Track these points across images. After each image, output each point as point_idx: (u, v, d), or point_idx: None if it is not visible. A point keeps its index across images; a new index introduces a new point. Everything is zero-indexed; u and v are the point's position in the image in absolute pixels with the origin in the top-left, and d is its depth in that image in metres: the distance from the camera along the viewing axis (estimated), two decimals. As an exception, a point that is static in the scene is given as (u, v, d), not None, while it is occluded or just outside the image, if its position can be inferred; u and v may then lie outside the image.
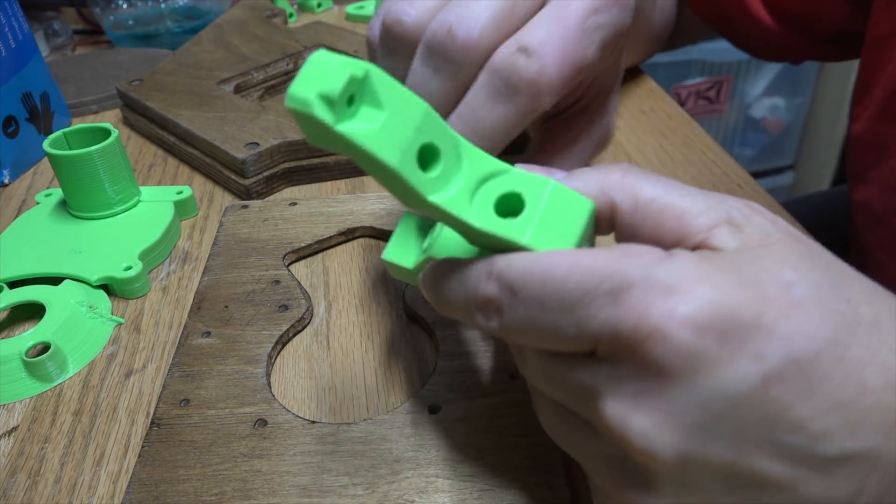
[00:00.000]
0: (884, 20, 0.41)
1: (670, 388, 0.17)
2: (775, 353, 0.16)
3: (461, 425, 0.28)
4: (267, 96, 0.56)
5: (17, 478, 0.29)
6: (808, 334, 0.17)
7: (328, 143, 0.19)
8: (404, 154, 0.19)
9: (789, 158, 1.58)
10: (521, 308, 0.19)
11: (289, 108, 0.18)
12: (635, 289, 0.17)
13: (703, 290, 0.17)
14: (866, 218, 0.44)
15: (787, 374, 0.16)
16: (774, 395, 0.17)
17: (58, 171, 0.41)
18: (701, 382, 0.17)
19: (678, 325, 0.16)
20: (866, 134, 0.43)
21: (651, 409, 0.17)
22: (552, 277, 0.18)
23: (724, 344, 0.17)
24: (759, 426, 0.17)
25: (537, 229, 0.20)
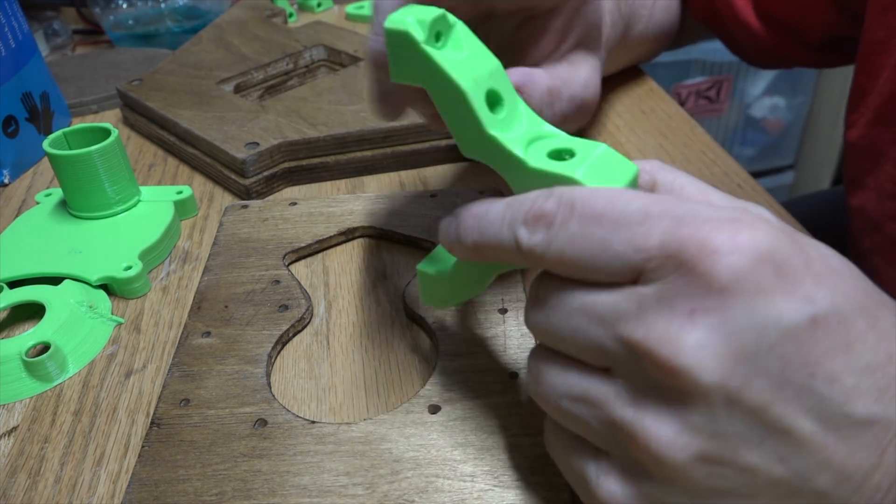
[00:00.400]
0: (878, 27, 0.41)
1: (730, 306, 0.17)
2: (823, 299, 0.17)
3: (461, 425, 0.28)
4: (267, 96, 0.56)
5: (17, 478, 0.29)
6: (848, 295, 0.18)
7: (411, 69, 0.22)
8: (477, 85, 0.22)
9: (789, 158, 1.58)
10: (575, 222, 0.19)
11: (386, 28, 0.21)
12: (700, 219, 0.18)
13: (762, 229, 0.18)
14: (863, 223, 0.44)
15: (831, 322, 0.17)
16: (819, 339, 0.17)
17: (58, 171, 0.41)
18: (758, 306, 0.17)
19: (742, 248, 0.17)
20: (862, 140, 0.43)
21: (708, 325, 0.17)
22: (618, 199, 0.19)
23: (780, 277, 0.17)
24: (801, 369, 0.17)
25: (588, 171, 0.21)
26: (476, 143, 0.22)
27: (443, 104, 0.22)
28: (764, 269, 0.17)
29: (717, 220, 0.18)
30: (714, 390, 0.17)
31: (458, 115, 0.22)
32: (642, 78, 0.58)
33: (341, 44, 0.60)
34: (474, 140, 0.22)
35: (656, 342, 0.18)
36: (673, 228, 0.18)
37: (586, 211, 0.19)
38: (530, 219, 0.20)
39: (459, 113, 0.22)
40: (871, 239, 0.43)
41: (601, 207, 0.19)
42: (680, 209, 0.18)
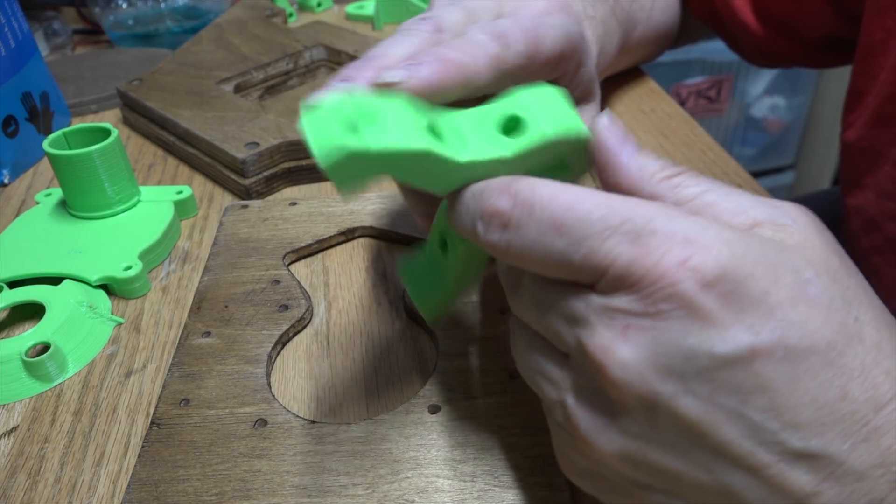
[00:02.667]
0: (875, 29, 0.41)
1: (661, 331, 0.18)
2: (769, 332, 0.17)
3: (461, 425, 0.28)
4: (267, 96, 0.56)
5: (17, 478, 0.29)
6: (807, 329, 0.17)
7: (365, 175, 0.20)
8: (424, 137, 0.20)
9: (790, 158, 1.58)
10: (534, 227, 0.19)
11: (325, 167, 0.19)
12: (656, 234, 0.18)
13: (720, 250, 0.17)
14: (862, 223, 0.44)
15: (775, 355, 0.17)
16: (756, 371, 0.17)
17: (58, 171, 0.41)
18: (692, 333, 0.17)
19: (687, 276, 0.17)
20: (860, 140, 0.43)
21: (637, 343, 0.18)
22: (580, 206, 0.19)
23: (725, 304, 0.17)
24: (734, 395, 0.17)
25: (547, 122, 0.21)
26: (451, 180, 0.22)
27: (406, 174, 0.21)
28: (706, 295, 0.17)
29: (670, 240, 0.18)
30: (639, 402, 0.18)
31: (425, 173, 0.21)
32: (642, 78, 0.58)
33: (341, 44, 0.60)
34: (448, 178, 0.22)
35: (594, 350, 0.18)
36: (625, 250, 0.18)
37: (546, 217, 0.19)
38: (486, 216, 0.20)
39: (426, 169, 0.21)
40: (870, 239, 0.43)
41: (561, 216, 0.19)
42: (638, 221, 0.18)
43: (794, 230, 0.19)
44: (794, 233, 0.19)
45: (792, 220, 0.20)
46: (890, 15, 0.40)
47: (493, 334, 0.32)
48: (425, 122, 0.21)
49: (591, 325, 0.19)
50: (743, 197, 0.20)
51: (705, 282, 0.17)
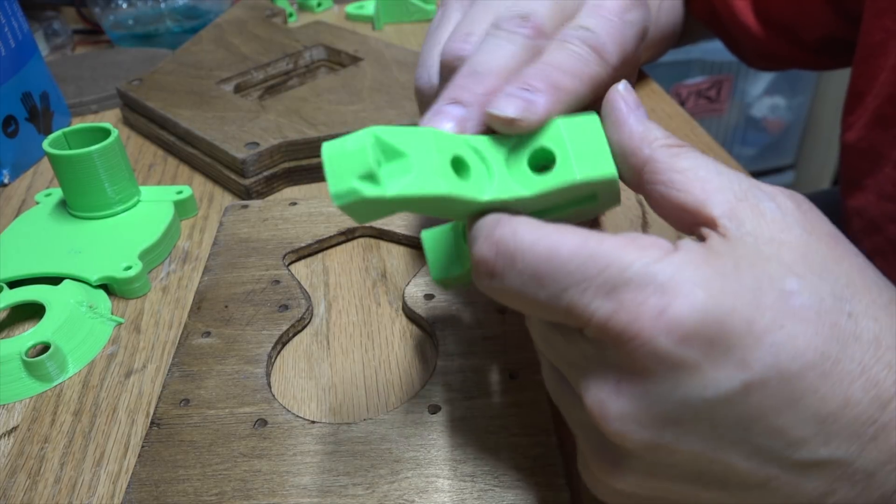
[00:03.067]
0: (875, 30, 0.41)
1: (651, 385, 0.18)
2: (760, 361, 0.17)
3: (461, 425, 0.28)
4: (267, 96, 0.56)
5: (17, 478, 0.29)
6: (798, 347, 0.17)
7: (381, 213, 0.20)
8: (446, 177, 0.20)
9: (790, 158, 1.58)
10: (517, 278, 0.19)
11: (339, 206, 0.19)
12: (631, 286, 0.17)
13: (696, 295, 0.17)
14: (863, 224, 0.44)
15: (770, 383, 0.17)
16: (754, 402, 0.17)
17: (57, 171, 0.41)
18: (681, 384, 0.17)
19: (664, 331, 0.17)
20: (861, 142, 0.43)
21: (630, 397, 0.18)
22: (557, 256, 0.18)
23: (709, 350, 0.17)
24: (735, 427, 0.17)
25: (578, 161, 0.21)
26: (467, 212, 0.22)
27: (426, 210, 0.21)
28: (688, 348, 0.17)
29: (645, 291, 0.17)
30: (641, 451, 0.18)
31: (440, 209, 0.21)
32: (642, 78, 0.58)
33: (341, 44, 0.60)
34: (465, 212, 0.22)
35: (590, 403, 0.19)
36: (602, 299, 0.18)
37: (526, 269, 0.19)
38: (474, 264, 0.20)
39: (450, 207, 0.21)
40: (871, 240, 0.43)
41: (540, 268, 0.18)
42: (613, 270, 0.18)
43: (772, 217, 0.19)
44: (774, 220, 0.19)
45: (774, 204, 0.19)
46: (889, 16, 0.40)
47: (493, 334, 0.32)
48: (451, 155, 0.21)
49: (586, 374, 0.19)
50: (732, 176, 0.20)
51: (684, 333, 0.17)
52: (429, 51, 0.30)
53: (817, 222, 0.19)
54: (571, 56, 0.24)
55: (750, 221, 0.19)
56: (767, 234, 0.18)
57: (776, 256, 0.18)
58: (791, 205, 0.19)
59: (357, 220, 0.20)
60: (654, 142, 0.21)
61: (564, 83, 0.23)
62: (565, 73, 0.23)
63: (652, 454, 0.18)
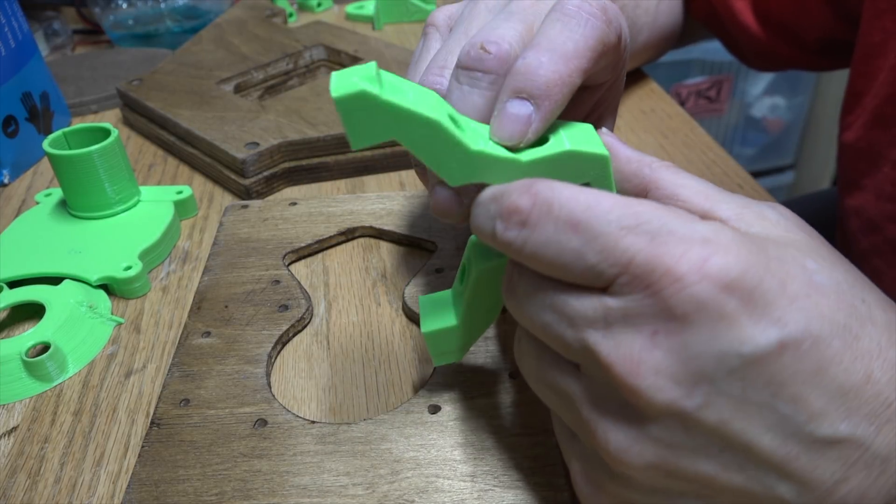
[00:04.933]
0: (874, 30, 0.41)
1: (691, 332, 0.17)
2: (796, 321, 0.17)
3: (461, 425, 0.28)
4: (267, 96, 0.56)
5: (17, 478, 0.29)
6: (826, 315, 0.17)
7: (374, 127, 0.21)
8: (440, 114, 0.21)
9: (789, 158, 1.58)
10: (551, 225, 0.19)
11: (336, 97, 0.20)
12: (675, 235, 0.18)
13: (738, 250, 0.17)
14: (861, 224, 0.44)
15: (804, 344, 0.17)
16: (786, 363, 0.17)
17: (58, 171, 0.41)
18: (721, 336, 0.17)
19: (709, 276, 0.17)
20: (859, 141, 0.43)
21: (667, 349, 0.18)
22: (598, 206, 0.18)
23: (748, 303, 0.17)
24: (764, 391, 0.17)
25: (570, 141, 0.22)
26: (462, 169, 0.22)
27: (418, 146, 0.22)
28: (729, 297, 0.17)
29: (688, 241, 0.18)
30: (669, 410, 0.18)
31: (436, 150, 0.22)
32: (642, 78, 0.58)
33: (341, 44, 0.60)
34: (460, 166, 0.22)
35: (618, 359, 0.18)
36: (644, 247, 0.18)
37: (563, 215, 0.19)
38: (505, 213, 0.20)
39: (437, 147, 0.22)
40: (869, 240, 0.43)
41: (579, 214, 0.18)
42: (655, 223, 0.18)
43: (776, 221, 0.20)
44: (777, 223, 0.20)
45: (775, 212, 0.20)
46: (889, 16, 0.40)
47: (493, 334, 0.32)
48: (449, 112, 0.22)
49: (609, 333, 0.18)
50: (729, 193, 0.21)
51: (727, 282, 0.17)
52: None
53: (812, 230, 0.20)
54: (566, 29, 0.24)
55: (757, 224, 0.20)
56: (775, 233, 0.19)
57: (792, 244, 0.19)
58: (789, 214, 0.20)
59: (351, 135, 0.21)
60: (652, 163, 0.22)
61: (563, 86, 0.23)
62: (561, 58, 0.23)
63: (679, 418, 0.18)
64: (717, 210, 0.20)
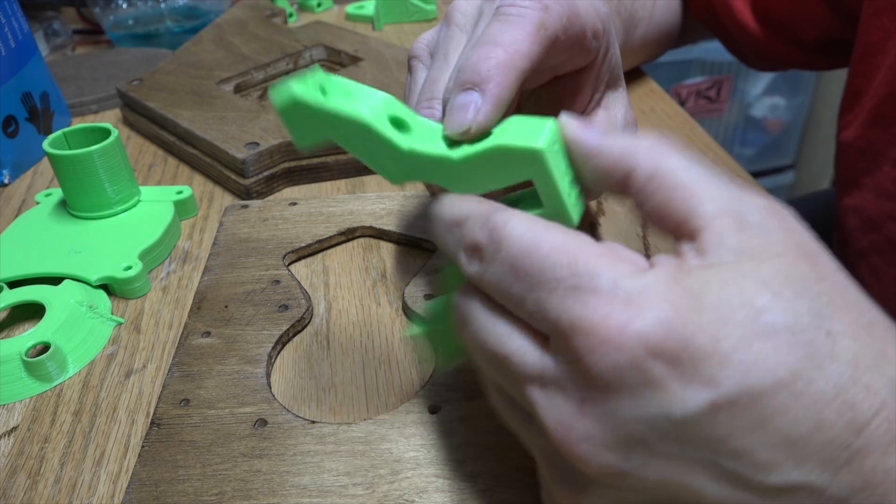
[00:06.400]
0: (873, 29, 0.41)
1: (615, 403, 0.17)
2: (728, 379, 0.16)
3: (461, 425, 0.28)
4: (267, 96, 0.56)
5: (17, 478, 0.29)
6: (768, 365, 0.16)
7: (312, 128, 0.22)
8: (375, 113, 0.22)
9: (790, 158, 1.58)
10: (499, 266, 0.19)
11: (278, 104, 0.22)
12: (599, 294, 0.17)
13: (663, 309, 0.17)
14: (860, 223, 0.44)
15: (739, 402, 0.16)
16: (722, 422, 0.16)
17: (58, 171, 0.41)
18: (647, 402, 0.17)
19: (629, 342, 0.16)
20: (858, 141, 0.43)
21: (595, 417, 0.17)
22: (536, 250, 0.18)
23: (675, 366, 0.16)
24: (703, 449, 0.17)
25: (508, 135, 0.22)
26: (399, 168, 0.23)
27: (354, 146, 0.23)
28: (653, 361, 0.16)
29: (612, 301, 0.17)
30: (608, 473, 0.18)
31: (371, 150, 0.23)
32: (642, 78, 0.58)
33: (341, 44, 0.60)
34: (396, 165, 0.23)
35: (553, 423, 0.18)
36: (569, 307, 0.17)
37: (508, 258, 0.19)
38: (465, 246, 0.20)
39: (372, 147, 0.22)
40: (869, 238, 0.43)
41: (520, 259, 0.18)
42: (584, 278, 0.17)
43: (756, 232, 0.18)
44: (756, 236, 0.18)
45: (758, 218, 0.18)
46: (888, 15, 0.40)
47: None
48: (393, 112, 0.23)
49: (546, 392, 0.18)
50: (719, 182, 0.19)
51: (650, 347, 0.16)
52: None
53: (801, 239, 0.19)
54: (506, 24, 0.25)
55: (732, 236, 0.18)
56: (749, 248, 0.18)
57: (753, 272, 0.17)
58: (775, 222, 0.19)
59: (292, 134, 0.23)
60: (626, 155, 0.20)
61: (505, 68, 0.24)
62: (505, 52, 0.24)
63: (619, 480, 0.18)
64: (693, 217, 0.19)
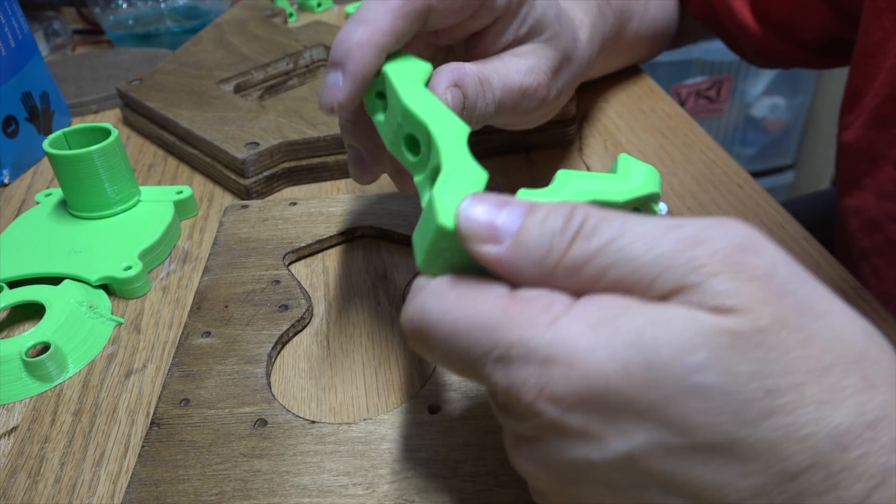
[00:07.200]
0: (874, 30, 0.41)
1: (541, 449, 0.19)
2: (645, 435, 0.17)
3: (461, 425, 0.28)
4: (267, 96, 0.56)
5: (17, 478, 0.29)
6: (689, 425, 0.16)
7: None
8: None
9: (789, 158, 1.58)
10: (434, 350, 0.20)
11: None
12: (518, 361, 0.18)
13: (580, 365, 0.17)
14: (861, 223, 0.44)
15: (655, 454, 0.17)
16: (642, 468, 0.17)
17: (58, 171, 0.41)
18: (568, 448, 0.18)
19: (548, 403, 0.17)
20: (859, 141, 0.43)
21: (528, 457, 0.20)
22: (457, 332, 0.19)
23: (591, 419, 0.17)
24: (631, 487, 0.18)
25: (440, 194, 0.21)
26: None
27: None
28: (570, 417, 0.17)
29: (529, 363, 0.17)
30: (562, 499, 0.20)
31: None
32: (642, 78, 0.58)
33: (341, 44, 0.60)
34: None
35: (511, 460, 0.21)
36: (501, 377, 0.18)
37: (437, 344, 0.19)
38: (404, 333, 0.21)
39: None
40: (870, 239, 0.43)
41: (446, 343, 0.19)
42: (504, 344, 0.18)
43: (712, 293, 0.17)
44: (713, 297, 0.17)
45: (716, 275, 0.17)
46: (888, 16, 0.40)
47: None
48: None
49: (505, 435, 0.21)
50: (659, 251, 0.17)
51: (566, 405, 0.17)
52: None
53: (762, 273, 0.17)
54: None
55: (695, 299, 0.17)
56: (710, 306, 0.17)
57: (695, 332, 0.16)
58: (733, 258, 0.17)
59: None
60: (543, 266, 0.18)
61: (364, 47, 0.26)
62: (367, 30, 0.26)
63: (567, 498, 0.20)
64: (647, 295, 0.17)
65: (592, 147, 0.49)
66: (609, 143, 0.49)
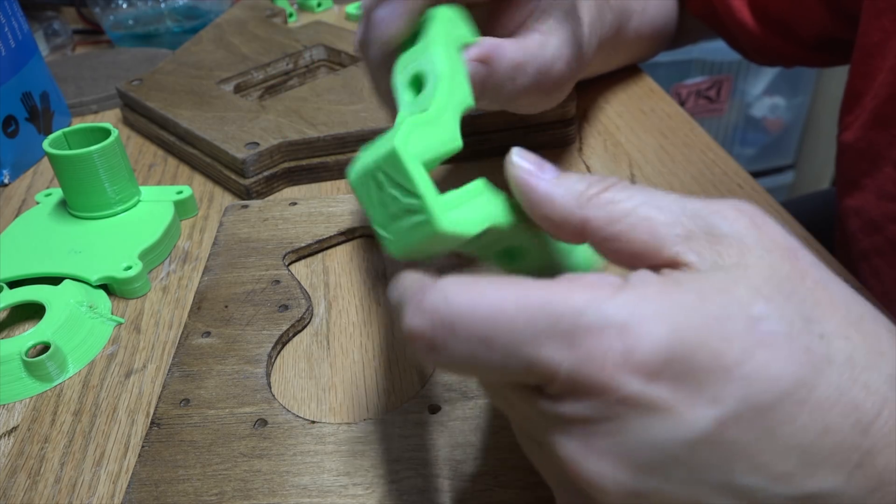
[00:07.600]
0: (873, 30, 0.41)
1: (623, 434, 0.17)
2: (732, 396, 0.16)
3: (461, 425, 0.28)
4: (267, 96, 0.56)
5: (17, 478, 0.29)
6: (771, 376, 0.16)
7: None
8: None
9: (789, 158, 1.58)
10: (464, 346, 0.17)
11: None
12: (591, 332, 0.16)
13: (659, 331, 0.16)
14: (861, 224, 0.44)
15: (745, 417, 0.16)
16: (731, 438, 0.16)
17: (58, 171, 0.41)
18: (654, 428, 0.16)
19: (633, 375, 0.16)
20: (859, 142, 0.43)
21: (603, 450, 0.17)
22: (502, 315, 0.17)
23: (678, 388, 0.16)
24: (715, 469, 0.17)
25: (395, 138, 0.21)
26: None
27: None
28: (656, 388, 0.16)
29: (606, 332, 0.16)
30: (627, 499, 0.17)
31: None
32: (642, 78, 0.58)
33: (341, 44, 0.60)
34: None
35: (563, 460, 0.18)
36: (565, 358, 0.16)
37: (471, 335, 0.17)
38: (409, 339, 0.18)
39: None
40: (870, 240, 0.43)
41: (486, 331, 0.17)
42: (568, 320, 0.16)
43: (729, 242, 0.18)
44: (731, 245, 0.18)
45: (729, 227, 0.18)
46: (888, 16, 0.40)
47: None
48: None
49: (554, 433, 0.18)
50: (677, 205, 0.19)
51: (652, 373, 0.16)
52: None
53: (775, 236, 0.18)
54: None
55: (708, 251, 0.18)
56: (728, 260, 0.18)
57: (743, 280, 0.17)
58: (745, 222, 0.18)
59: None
60: (579, 199, 0.19)
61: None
62: None
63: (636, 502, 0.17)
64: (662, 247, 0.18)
65: (592, 147, 0.49)
66: (609, 143, 0.49)
